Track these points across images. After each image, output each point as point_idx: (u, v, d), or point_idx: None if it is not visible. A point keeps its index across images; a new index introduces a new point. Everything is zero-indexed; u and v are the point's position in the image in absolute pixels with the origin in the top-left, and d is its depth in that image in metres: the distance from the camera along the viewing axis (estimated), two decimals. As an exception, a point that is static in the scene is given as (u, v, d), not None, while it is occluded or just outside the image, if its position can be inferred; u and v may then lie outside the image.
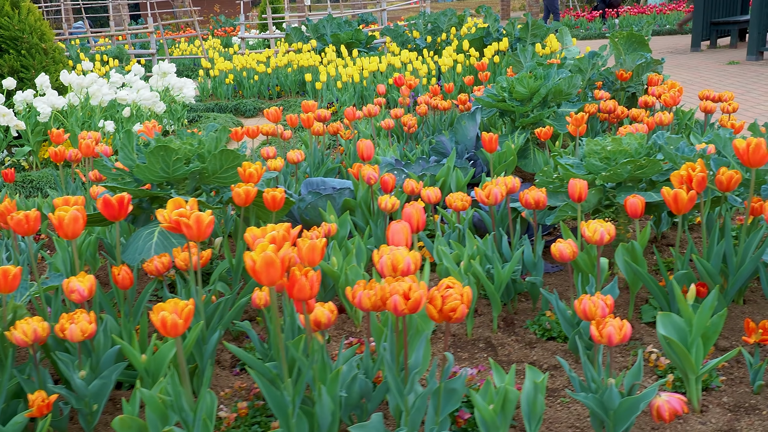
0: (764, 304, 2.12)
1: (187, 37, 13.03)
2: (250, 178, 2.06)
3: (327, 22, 8.32)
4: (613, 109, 3.37)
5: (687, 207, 1.83)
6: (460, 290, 1.37)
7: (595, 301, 1.49)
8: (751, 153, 1.77)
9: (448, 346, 2.02)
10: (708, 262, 1.87)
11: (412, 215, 1.68)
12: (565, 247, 1.80)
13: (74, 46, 9.17)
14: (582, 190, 2.01)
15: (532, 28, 6.26)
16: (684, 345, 1.55)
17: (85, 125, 4.60)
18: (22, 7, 5.00)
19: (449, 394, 1.47)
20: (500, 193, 2.06)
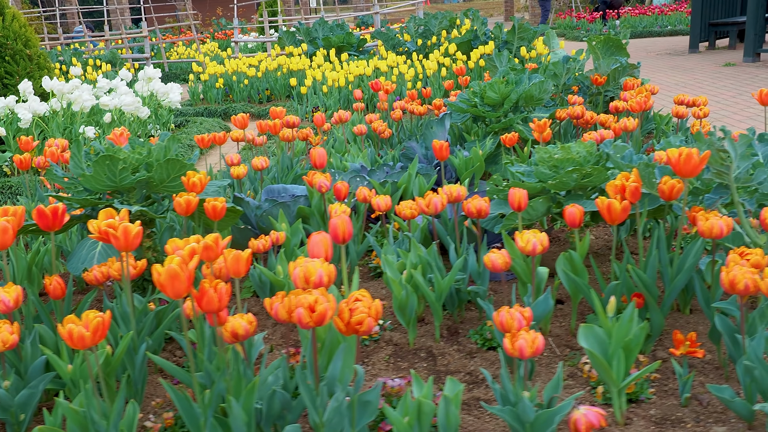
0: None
1: (188, 41, 13.08)
2: (193, 188, 2.07)
3: (319, 25, 8.33)
4: (581, 114, 3.36)
5: (621, 217, 1.82)
6: (369, 303, 1.38)
7: (512, 314, 1.49)
8: (683, 163, 1.76)
9: (358, 358, 2.02)
10: (644, 273, 1.86)
11: (337, 226, 1.69)
12: (497, 257, 1.80)
13: (68, 51, 9.23)
14: (521, 199, 2.01)
15: (519, 32, 6.25)
16: (604, 357, 1.55)
17: (66, 131, 4.63)
18: (7, 14, 5.04)
19: (364, 406, 1.48)
20: (440, 202, 2.06)
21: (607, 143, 2.23)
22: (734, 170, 1.97)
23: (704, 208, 2.06)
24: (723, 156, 1.94)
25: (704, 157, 1.77)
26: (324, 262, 1.48)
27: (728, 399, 1.50)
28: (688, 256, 1.88)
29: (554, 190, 2.27)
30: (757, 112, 5.72)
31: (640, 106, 3.21)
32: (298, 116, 5.94)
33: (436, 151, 2.50)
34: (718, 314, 1.70)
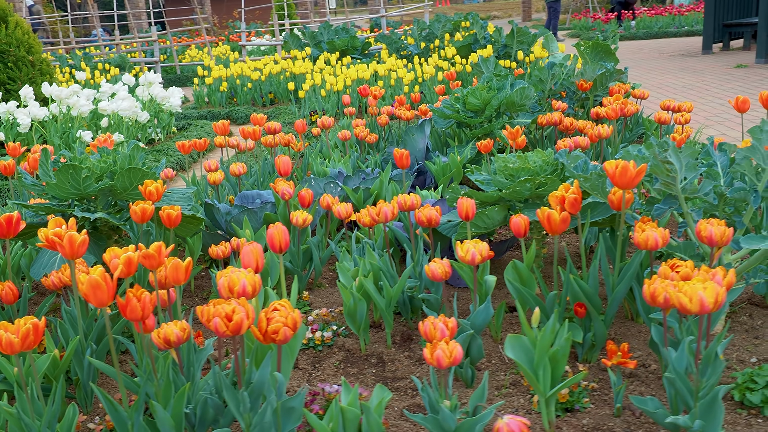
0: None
1: (202, 43, 13.22)
2: (150, 196, 2.12)
3: (324, 29, 8.39)
4: (558, 120, 3.36)
5: (560, 228, 1.84)
6: (286, 313, 1.41)
7: (435, 324, 1.52)
8: (618, 175, 1.77)
9: (309, 363, 2.06)
10: (585, 283, 1.88)
11: (273, 236, 1.73)
12: (437, 267, 1.82)
13: (78, 56, 9.40)
14: (469, 208, 2.03)
15: (518, 35, 6.24)
16: (530, 368, 1.57)
17: (64, 136, 4.73)
18: (10, 21, 5.16)
19: (288, 413, 1.51)
20: (390, 211, 2.09)
21: (562, 153, 2.24)
22: (681, 181, 1.97)
23: (653, 218, 2.07)
24: (668, 167, 1.94)
25: (640, 170, 1.78)
26: (251, 272, 1.52)
27: (651, 411, 1.51)
28: (632, 265, 1.89)
29: (510, 198, 2.29)
30: (761, 114, 5.66)
31: (615, 113, 3.20)
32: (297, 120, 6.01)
33: (396, 160, 2.53)
34: (655, 325, 1.71)
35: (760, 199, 1.94)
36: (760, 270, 1.97)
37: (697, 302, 1.35)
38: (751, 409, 1.67)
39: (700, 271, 1.51)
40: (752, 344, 1.99)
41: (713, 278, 1.48)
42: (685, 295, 1.37)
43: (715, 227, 1.70)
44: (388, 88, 6.18)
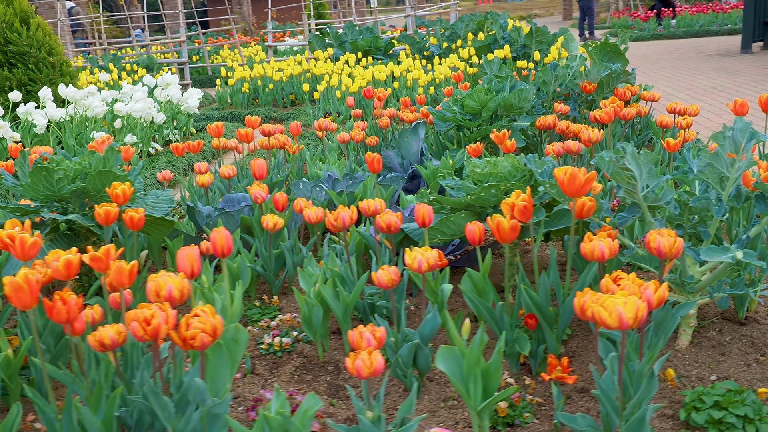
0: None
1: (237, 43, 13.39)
2: (117, 199, 2.16)
3: (348, 29, 8.41)
4: (553, 124, 3.30)
5: (510, 236, 1.80)
6: (205, 319, 1.41)
7: (362, 333, 1.51)
8: (566, 183, 1.73)
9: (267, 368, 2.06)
10: (535, 293, 1.84)
11: (216, 240, 1.73)
12: (383, 275, 1.81)
13: (107, 57, 9.62)
14: (425, 215, 2.01)
15: (536, 35, 6.15)
16: (461, 380, 1.54)
17: (79, 137, 4.84)
18: (32, 23, 5.31)
19: (214, 419, 1.52)
20: (348, 216, 2.08)
21: (529, 158, 2.19)
22: (642, 189, 1.91)
23: (615, 226, 2.02)
24: (627, 174, 1.89)
25: (589, 178, 1.73)
26: (180, 277, 1.53)
27: (578, 428, 1.47)
28: (586, 276, 1.85)
29: (477, 204, 2.26)
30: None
31: (609, 116, 3.12)
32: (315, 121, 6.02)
33: (368, 164, 2.52)
34: (601, 339, 1.67)
35: (725, 209, 1.88)
36: (724, 284, 1.90)
37: (615, 318, 1.31)
38: (696, 429, 1.61)
39: (631, 285, 1.46)
40: (716, 361, 1.92)
41: (644, 292, 1.43)
42: (605, 310, 1.33)
43: (665, 238, 1.65)
44: (403, 89, 6.16)
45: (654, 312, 1.73)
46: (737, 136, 1.76)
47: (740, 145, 1.77)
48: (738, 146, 1.77)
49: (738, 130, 1.75)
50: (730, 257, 1.76)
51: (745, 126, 1.75)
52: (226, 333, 1.74)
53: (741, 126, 1.75)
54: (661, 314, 1.71)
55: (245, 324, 2.36)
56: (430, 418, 1.75)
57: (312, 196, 3.10)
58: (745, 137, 1.76)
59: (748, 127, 1.76)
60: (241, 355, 1.78)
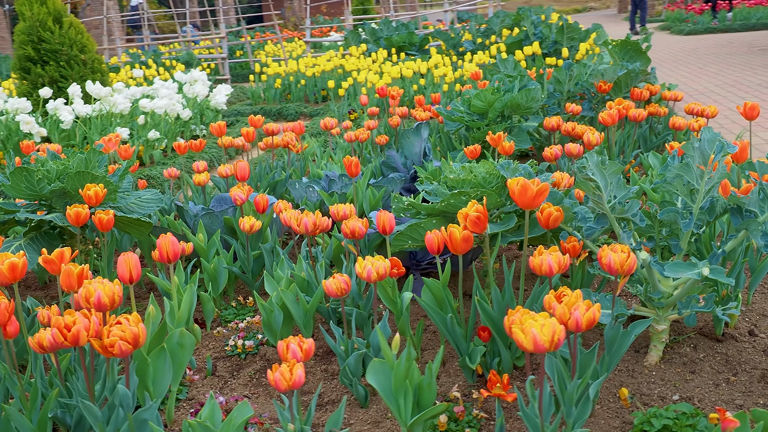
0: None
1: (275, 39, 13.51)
2: (89, 200, 2.19)
3: (384, 25, 8.37)
4: (556, 126, 3.20)
5: (462, 247, 1.75)
6: (126, 327, 1.42)
7: (289, 345, 1.49)
8: (518, 194, 1.66)
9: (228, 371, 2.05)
10: (489, 305, 1.78)
11: (161, 246, 1.74)
12: (332, 283, 1.78)
13: (148, 53, 9.83)
14: (386, 222, 1.97)
15: (568, 31, 5.98)
16: (389, 395, 1.50)
17: (103, 132, 4.96)
18: (64, 22, 5.46)
19: (141, 425, 1.52)
20: (311, 222, 2.05)
21: (503, 164, 2.13)
22: (609, 199, 1.83)
23: (583, 237, 1.94)
24: (592, 185, 1.81)
25: (542, 190, 1.66)
26: (114, 283, 1.53)
27: (505, 449, 1.42)
28: (543, 289, 1.78)
29: (449, 211, 2.20)
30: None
31: (612, 119, 3.00)
32: (335, 118, 6.03)
33: (346, 168, 2.49)
34: (548, 356, 1.60)
35: (694, 222, 1.78)
36: (694, 300, 1.80)
37: (530, 341, 1.25)
38: (641, 454, 1.53)
39: (566, 304, 1.39)
40: (684, 380, 1.83)
41: (573, 312, 1.36)
42: (522, 332, 1.27)
43: (616, 254, 1.57)
44: (430, 86, 6.10)
45: (606, 330, 1.65)
46: (705, 147, 1.66)
47: (708, 157, 1.67)
48: (706, 158, 1.67)
49: (706, 141, 1.65)
50: (696, 273, 1.66)
51: (714, 137, 1.65)
52: (171, 338, 1.74)
53: (709, 137, 1.65)
54: (611, 333, 1.64)
55: (219, 324, 2.37)
56: (372, 429, 1.72)
57: (306, 196, 3.09)
58: (713, 148, 1.65)
59: (716, 138, 1.65)
60: (187, 359, 1.79)
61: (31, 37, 5.29)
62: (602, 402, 1.76)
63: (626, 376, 1.86)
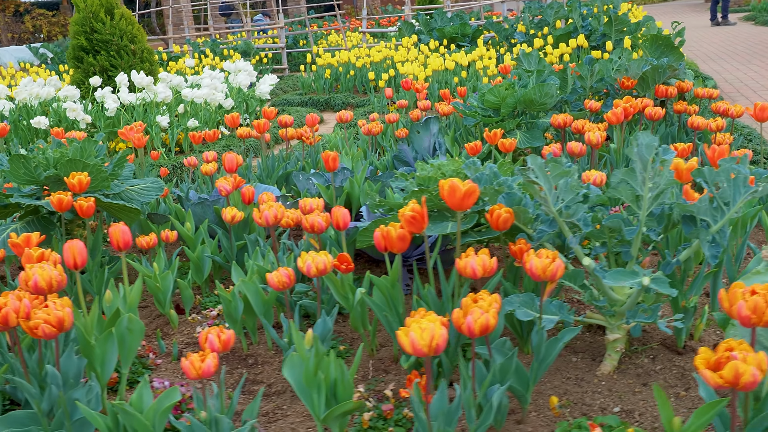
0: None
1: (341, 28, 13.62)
2: (73, 188, 2.31)
3: (438, 15, 8.31)
4: (563, 123, 3.11)
5: (398, 246, 1.75)
6: (50, 311, 1.50)
7: (208, 335, 1.54)
8: (447, 195, 1.65)
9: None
10: (426, 306, 1.77)
11: (112, 234, 1.82)
12: (273, 276, 1.82)
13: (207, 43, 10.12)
14: (339, 218, 1.99)
15: (616, 23, 5.78)
16: (302, 390, 1.53)
17: (144, 119, 5.17)
18: (116, 13, 5.70)
19: (72, 403, 1.61)
20: (273, 215, 2.09)
21: (468, 163, 2.10)
22: (556, 203, 1.79)
23: (534, 239, 1.90)
24: (537, 188, 1.77)
25: (470, 191, 1.64)
26: (52, 268, 1.62)
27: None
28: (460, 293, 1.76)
29: (416, 209, 2.20)
30: None
31: (617, 118, 2.90)
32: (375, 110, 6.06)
33: (324, 162, 2.51)
34: (478, 361, 1.60)
35: (638, 229, 1.72)
36: (641, 310, 1.74)
37: (409, 344, 1.25)
38: (554, 464, 1.51)
39: (481, 305, 1.38)
40: (632, 391, 1.77)
41: (466, 318, 1.35)
42: (404, 336, 1.27)
43: (539, 259, 1.54)
44: (472, 78, 6.03)
45: (532, 336, 1.63)
46: (643, 152, 1.60)
47: (647, 162, 1.61)
48: (645, 163, 1.61)
49: (644, 146, 1.59)
50: (637, 283, 1.62)
51: (651, 141, 1.59)
52: (120, 323, 1.83)
53: (647, 141, 1.59)
54: (537, 339, 1.61)
55: (198, 311, 2.45)
56: (304, 421, 1.75)
57: (307, 188, 3.15)
58: (651, 153, 1.59)
59: (654, 143, 1.59)
60: (137, 344, 1.87)
61: (84, 27, 5.56)
62: (539, 409, 1.73)
63: (573, 385, 1.82)
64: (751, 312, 1.12)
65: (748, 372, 1.04)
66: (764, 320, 1.12)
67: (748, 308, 1.12)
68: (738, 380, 1.05)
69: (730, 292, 1.17)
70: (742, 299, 1.13)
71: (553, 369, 1.91)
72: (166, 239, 2.47)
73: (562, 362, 1.94)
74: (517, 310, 1.74)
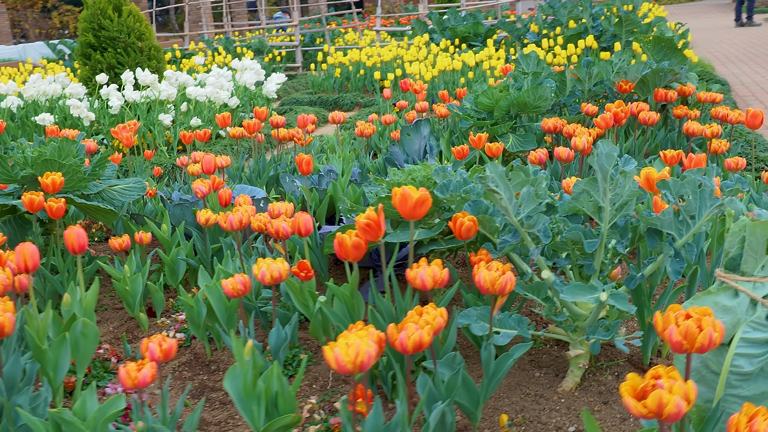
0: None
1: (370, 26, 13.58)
2: (46, 188, 2.30)
3: (451, 14, 8.23)
4: (553, 128, 3.04)
5: (353, 254, 1.71)
6: (-10, 317, 1.48)
7: (149, 343, 1.51)
8: (399, 203, 1.60)
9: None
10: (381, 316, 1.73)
11: (67, 237, 1.80)
12: (228, 283, 1.79)
13: (221, 40, 10.15)
14: (301, 224, 1.95)
15: (626, 24, 5.67)
16: (239, 401, 1.50)
17: (147, 117, 5.18)
18: (123, 10, 5.73)
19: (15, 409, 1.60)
20: (238, 219, 2.06)
21: (438, 169, 2.05)
22: (517, 212, 1.73)
23: (498, 250, 1.85)
24: (497, 197, 1.72)
25: (421, 200, 1.59)
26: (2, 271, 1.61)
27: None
28: (443, 300, 1.72)
29: (387, 216, 2.16)
30: None
31: (606, 123, 2.83)
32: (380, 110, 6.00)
33: (299, 165, 2.48)
34: (423, 374, 1.55)
35: (599, 241, 1.66)
36: (601, 326, 1.68)
37: (333, 360, 1.21)
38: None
39: (420, 320, 1.34)
40: (591, 410, 1.71)
41: (399, 334, 1.31)
42: (330, 351, 1.23)
43: (487, 272, 1.49)
44: (480, 79, 5.96)
45: (481, 351, 1.58)
46: (603, 162, 1.54)
47: (607, 172, 1.55)
48: (605, 173, 1.55)
49: (603, 155, 1.53)
50: (594, 299, 1.56)
51: (611, 151, 1.52)
52: (74, 328, 1.81)
53: (606, 150, 1.52)
54: (485, 355, 1.56)
55: (170, 315, 2.43)
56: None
57: (292, 190, 3.12)
58: (611, 163, 1.53)
59: (614, 152, 1.53)
60: (92, 349, 1.86)
61: (92, 24, 5.59)
62: (493, 427, 1.68)
63: (531, 401, 1.77)
64: (682, 338, 1.06)
65: (672, 402, 0.99)
66: (696, 347, 1.06)
67: (680, 333, 1.06)
68: (661, 411, 0.99)
69: (665, 315, 1.11)
70: (674, 324, 1.07)
71: (513, 384, 1.86)
72: (140, 241, 2.45)
73: (524, 377, 1.89)
74: (473, 324, 1.69)
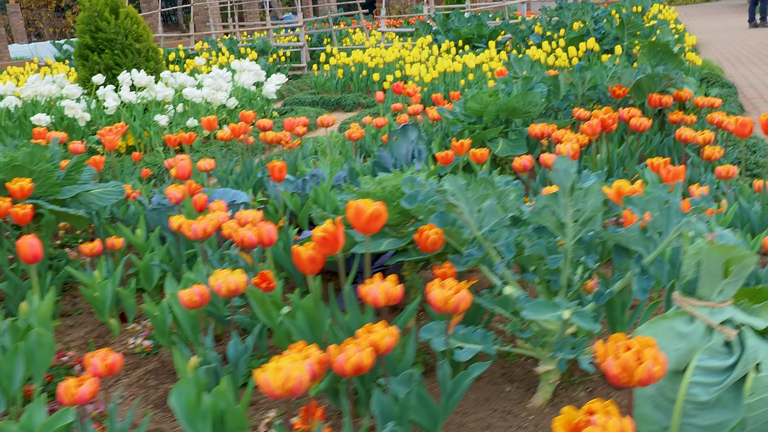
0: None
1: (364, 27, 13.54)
2: (14, 194, 2.27)
3: (456, 16, 8.17)
4: (540, 133, 2.98)
5: (309, 268, 1.66)
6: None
7: (92, 358, 1.48)
8: (353, 217, 1.56)
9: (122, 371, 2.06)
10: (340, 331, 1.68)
11: (20, 247, 1.77)
12: (185, 294, 1.75)
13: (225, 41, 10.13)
14: (264, 234, 1.91)
15: (628, 27, 5.58)
16: (184, 418, 1.46)
17: (143, 118, 5.17)
18: (120, 12, 5.72)
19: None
20: (200, 229, 2.02)
21: (406, 179, 2.00)
22: (480, 225, 1.68)
23: (461, 263, 1.79)
24: (458, 210, 1.67)
25: (374, 214, 1.54)
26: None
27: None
28: (402, 317, 1.67)
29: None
30: None
31: (593, 130, 2.76)
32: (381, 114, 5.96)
33: (271, 172, 2.43)
34: (380, 393, 1.50)
35: (563, 257, 1.60)
36: (567, 344, 1.62)
37: (264, 385, 1.17)
38: None
39: (363, 340, 1.29)
40: (555, 429, 1.65)
41: (338, 356, 1.26)
42: (260, 375, 1.18)
43: (441, 291, 1.44)
44: (479, 80, 5.89)
45: (437, 370, 1.53)
46: (561, 178, 1.48)
47: (566, 188, 1.49)
48: (564, 189, 1.49)
49: (561, 171, 1.47)
50: (556, 316, 1.50)
51: (569, 167, 1.47)
52: (29, 337, 1.78)
53: (564, 166, 1.47)
54: (441, 374, 1.51)
55: (142, 320, 2.40)
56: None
57: (275, 195, 3.08)
58: (569, 180, 1.47)
59: (572, 168, 1.47)
60: (49, 359, 1.83)
61: (89, 26, 5.58)
62: (455, 445, 1.63)
63: (498, 418, 1.72)
64: (620, 371, 1.01)
65: (605, 439, 0.93)
66: (636, 381, 1.00)
67: (618, 366, 1.00)
68: (594, 447, 0.94)
69: (607, 344, 1.05)
70: (613, 355, 1.02)
71: (482, 398, 1.81)
72: (111, 246, 2.42)
73: (494, 391, 1.83)
74: (435, 339, 1.64)
